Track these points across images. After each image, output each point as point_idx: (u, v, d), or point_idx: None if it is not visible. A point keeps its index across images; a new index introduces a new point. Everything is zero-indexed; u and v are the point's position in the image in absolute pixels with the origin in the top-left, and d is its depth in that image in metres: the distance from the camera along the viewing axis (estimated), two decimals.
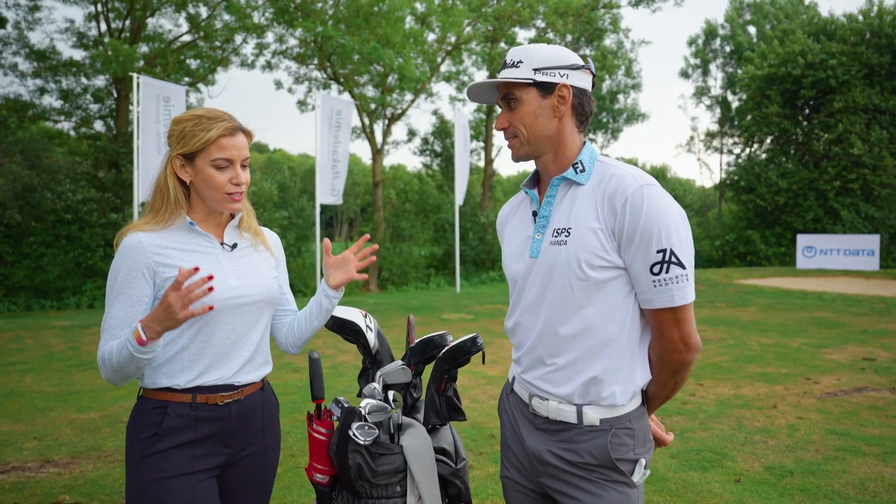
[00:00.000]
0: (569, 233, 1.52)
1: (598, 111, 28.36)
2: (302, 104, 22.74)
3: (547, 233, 1.57)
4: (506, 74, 1.58)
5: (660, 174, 31.59)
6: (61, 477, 3.96)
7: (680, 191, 30.31)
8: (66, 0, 18.59)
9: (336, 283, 1.83)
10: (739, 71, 28.50)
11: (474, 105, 29.37)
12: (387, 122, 23.72)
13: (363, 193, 43.82)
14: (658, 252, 1.44)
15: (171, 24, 32.10)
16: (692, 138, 33.49)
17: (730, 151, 31.27)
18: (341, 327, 1.93)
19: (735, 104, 30.11)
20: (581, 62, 1.59)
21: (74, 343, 8.86)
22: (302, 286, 19.73)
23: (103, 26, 19.00)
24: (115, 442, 4.59)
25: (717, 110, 31.51)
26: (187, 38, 19.85)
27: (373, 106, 22.38)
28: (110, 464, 4.18)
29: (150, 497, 1.60)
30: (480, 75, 25.52)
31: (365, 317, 1.98)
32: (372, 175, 23.80)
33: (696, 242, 28.50)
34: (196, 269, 1.50)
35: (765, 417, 5.11)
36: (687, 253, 1.47)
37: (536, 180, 1.70)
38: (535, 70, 1.55)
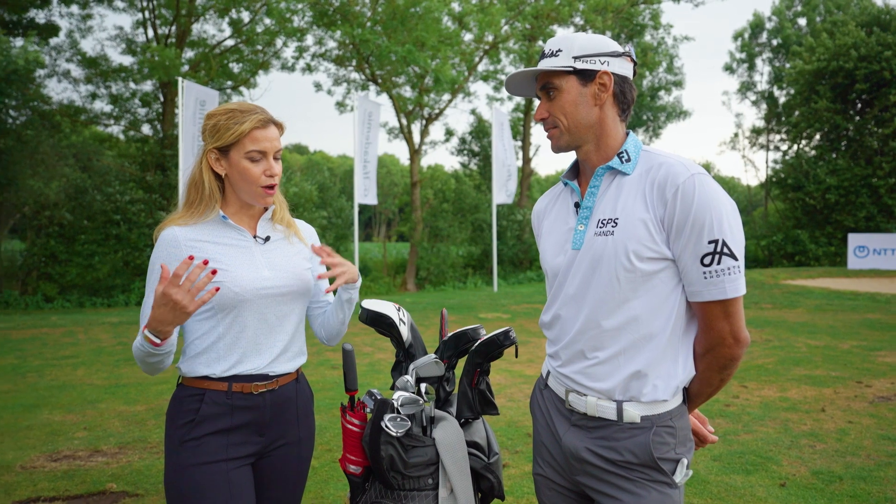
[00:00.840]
0: (616, 223, 1.48)
1: (638, 109, 27.87)
2: (341, 105, 23.04)
3: (591, 224, 1.54)
4: (545, 64, 1.56)
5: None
6: (109, 466, 4.10)
7: (724, 189, 29.51)
8: (116, 8, 19.26)
9: (342, 282, 1.80)
10: (787, 65, 27.62)
11: (512, 104, 29.21)
12: (424, 122, 23.81)
13: (401, 193, 44.09)
14: (710, 243, 1.40)
15: (214, 30, 32.95)
16: (736, 135, 32.65)
17: (776, 148, 30.35)
18: (375, 320, 1.94)
19: (782, 99, 29.20)
20: (621, 49, 1.56)
21: (123, 338, 9.16)
22: None
23: (150, 32, 19.61)
24: (160, 434, 4.72)
25: (764, 106, 30.61)
26: (230, 42, 20.32)
27: (410, 107, 22.50)
28: (155, 454, 4.30)
29: (187, 481, 1.64)
30: None
31: (398, 310, 1.99)
32: (410, 175, 23.92)
33: None
34: (191, 258, 1.47)
35: (812, 421, 4.93)
36: (739, 244, 1.43)
37: (577, 172, 1.67)
38: (575, 58, 1.52)
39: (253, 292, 1.70)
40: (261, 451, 1.77)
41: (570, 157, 1.71)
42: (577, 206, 1.61)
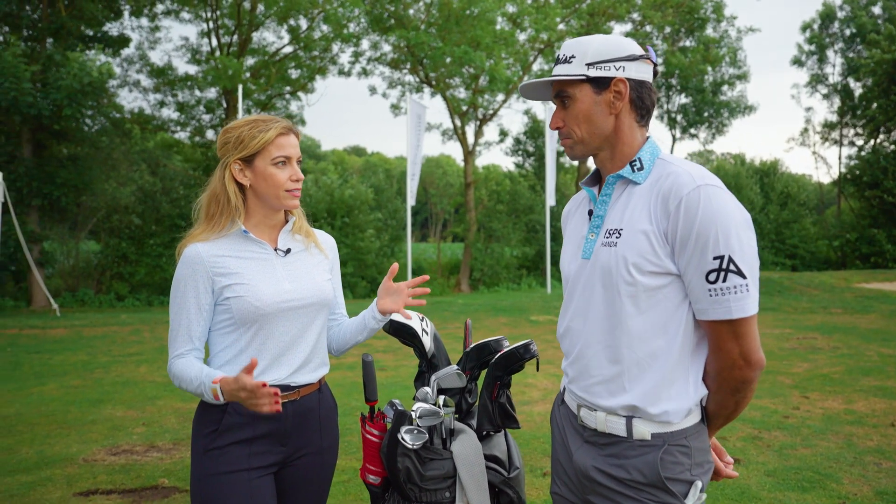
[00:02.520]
0: (619, 234, 1.43)
1: (699, 105, 26.92)
2: (395, 108, 23.28)
3: (601, 233, 1.49)
4: (558, 71, 1.51)
5: (770, 169, 29.41)
6: (163, 462, 4.28)
7: (793, 187, 28.08)
8: (182, 19, 20.12)
9: (385, 309, 1.85)
10: (864, 55, 26.10)
11: None
12: (478, 123, 23.77)
13: (456, 194, 44.19)
14: (715, 259, 1.33)
15: (274, 37, 33.97)
16: (806, 130, 31.08)
17: (851, 143, 28.72)
18: (398, 330, 1.94)
19: (858, 92, 27.61)
20: (639, 52, 1.49)
21: None
22: None
23: (214, 42, 20.39)
24: None
25: (836, 99, 29.03)
26: (288, 49, 20.89)
27: (464, 107, 22.51)
28: None
29: (210, 490, 1.68)
30: None
31: (422, 320, 1.99)
32: (464, 176, 23.94)
33: (812, 242, 26.39)
34: (255, 363, 1.53)
35: (879, 436, 4.64)
36: (749, 261, 1.35)
37: (598, 177, 1.62)
38: (589, 65, 1.47)
39: (273, 306, 1.73)
40: (283, 461, 1.80)
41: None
42: (590, 213, 1.56)
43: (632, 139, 1.51)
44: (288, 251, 1.84)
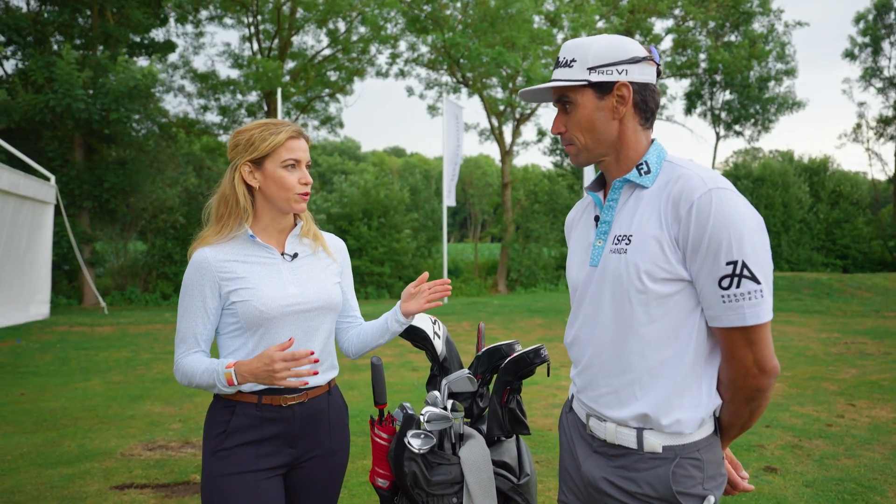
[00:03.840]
0: (629, 240, 1.39)
1: (745, 101, 26.12)
2: (432, 108, 23.35)
3: (608, 240, 1.45)
4: (558, 75, 1.47)
5: (820, 167, 28.34)
6: (196, 457, 4.38)
7: (845, 185, 27.00)
8: (225, 25, 20.62)
9: (409, 311, 1.85)
10: None
11: None
12: (515, 122, 23.64)
13: (494, 195, 44.08)
14: (728, 264, 1.28)
15: (313, 40, 34.53)
16: (859, 126, 29.82)
17: None
18: (409, 333, 1.94)
19: None
20: (643, 53, 1.44)
21: None
22: None
23: (255, 46, 20.82)
24: None
25: (892, 93, 27.78)
26: (327, 51, 21.19)
27: (501, 107, 22.42)
28: None
29: (217, 491, 1.70)
30: None
31: (434, 323, 1.97)
32: (501, 176, 23.84)
33: (865, 242, 25.32)
34: (292, 341, 1.59)
35: None
36: (763, 266, 1.29)
37: (602, 182, 1.58)
38: (590, 69, 1.42)
39: (278, 310, 1.74)
40: (292, 462, 1.81)
41: None
42: (596, 219, 1.52)
43: (637, 143, 1.47)
44: (295, 255, 1.85)
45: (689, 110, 27.34)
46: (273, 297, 1.74)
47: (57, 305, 15.06)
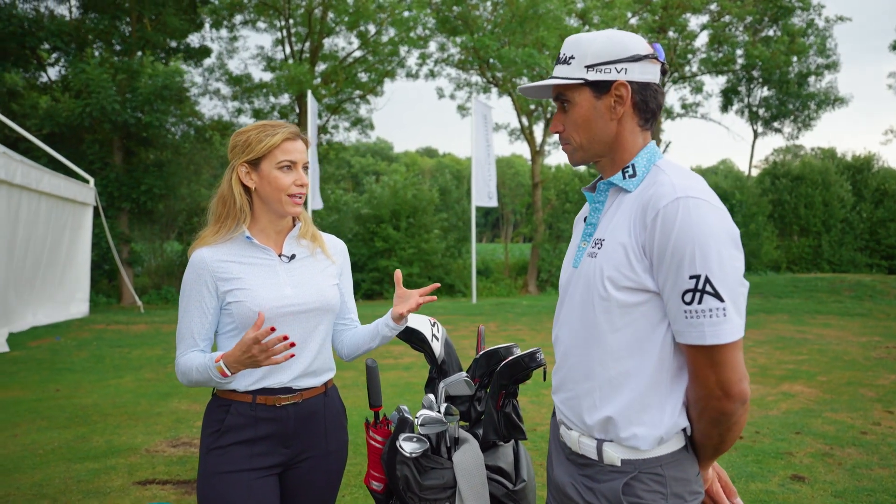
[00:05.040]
0: (601, 245, 1.36)
1: (783, 97, 25.40)
2: (462, 109, 23.33)
3: (590, 242, 1.43)
4: (557, 72, 1.43)
5: (864, 165, 27.35)
6: None
7: (892, 183, 26.02)
8: (258, 29, 20.98)
9: (399, 312, 1.84)
10: None
11: None
12: (546, 122, 23.45)
13: (525, 194, 43.86)
14: (691, 278, 1.22)
15: (344, 43, 34.95)
16: None
17: None
18: (408, 335, 1.93)
19: None
20: (645, 50, 1.38)
21: None
22: (462, 287, 20.21)
23: (287, 50, 21.13)
24: None
25: None
26: (358, 53, 21.37)
27: (532, 107, 22.27)
28: None
29: (211, 488, 1.72)
30: None
31: (433, 325, 1.96)
32: (531, 176, 23.68)
33: None
34: (273, 329, 1.59)
35: None
36: (730, 283, 1.23)
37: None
38: (588, 67, 1.38)
39: (273, 311, 1.75)
40: (287, 462, 1.82)
41: None
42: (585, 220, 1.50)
43: (632, 144, 1.42)
44: (293, 257, 1.85)
45: (725, 108, 26.74)
46: (267, 298, 1.75)
47: (97, 304, 15.53)
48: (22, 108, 16.46)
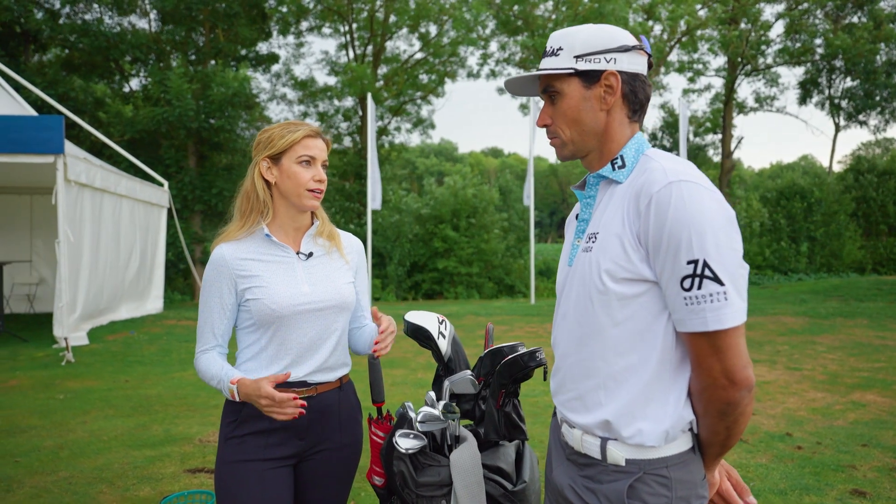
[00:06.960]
0: (596, 238, 1.32)
1: (870, 87, 23.77)
2: (524, 108, 23.17)
3: (584, 239, 1.39)
4: (545, 64, 1.42)
5: None
6: None
7: None
8: (323, 34, 21.58)
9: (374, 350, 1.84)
10: None
11: (710, 94, 26.91)
12: None
13: None
14: (689, 263, 1.18)
15: (405, 45, 35.38)
16: None
17: None
18: (414, 332, 1.93)
19: None
20: (632, 42, 1.37)
21: None
22: (523, 287, 20.07)
23: (351, 53, 21.62)
24: None
25: None
26: (419, 55, 21.60)
27: None
28: None
29: (226, 476, 1.79)
30: (717, 62, 23.30)
31: (440, 323, 1.95)
32: None
33: None
34: (295, 398, 1.65)
35: None
36: (729, 266, 1.18)
37: None
38: (577, 57, 1.36)
39: (289, 308, 1.80)
40: (301, 454, 1.86)
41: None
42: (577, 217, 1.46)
43: (620, 136, 1.39)
44: (310, 255, 1.90)
45: (803, 100, 25.33)
46: (285, 296, 1.80)
47: (172, 301, 16.40)
48: (108, 117, 17.60)
